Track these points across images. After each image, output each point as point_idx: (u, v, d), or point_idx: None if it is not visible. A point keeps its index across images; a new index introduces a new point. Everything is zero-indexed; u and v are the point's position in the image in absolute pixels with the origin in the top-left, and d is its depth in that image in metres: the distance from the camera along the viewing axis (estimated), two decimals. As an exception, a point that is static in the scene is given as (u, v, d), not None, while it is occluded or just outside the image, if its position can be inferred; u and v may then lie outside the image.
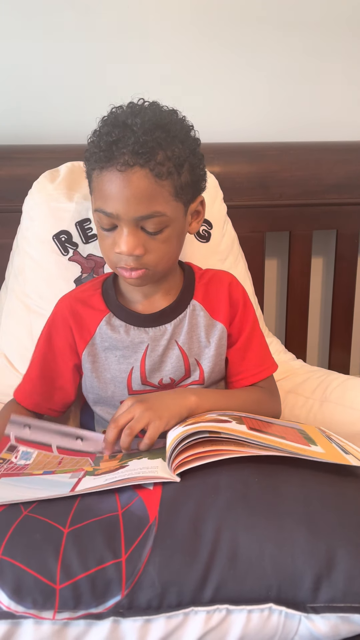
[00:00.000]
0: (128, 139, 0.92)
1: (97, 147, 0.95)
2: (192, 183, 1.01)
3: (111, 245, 1.00)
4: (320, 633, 0.71)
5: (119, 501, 0.76)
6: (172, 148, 0.95)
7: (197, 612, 0.69)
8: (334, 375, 1.38)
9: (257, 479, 0.79)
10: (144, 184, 0.93)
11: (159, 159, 0.93)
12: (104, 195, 0.96)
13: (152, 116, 0.95)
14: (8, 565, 0.69)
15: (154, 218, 0.96)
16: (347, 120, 1.72)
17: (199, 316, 1.12)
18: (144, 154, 0.92)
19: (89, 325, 1.11)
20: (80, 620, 0.68)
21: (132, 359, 1.10)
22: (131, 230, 0.97)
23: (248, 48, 1.63)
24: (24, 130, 1.56)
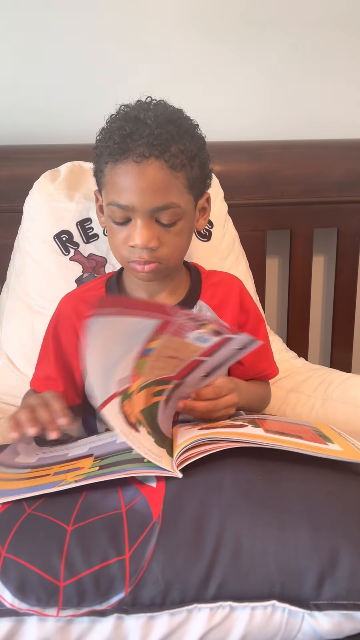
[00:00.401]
0: (143, 132, 0.93)
1: (111, 141, 0.96)
2: (201, 178, 1.03)
3: (124, 239, 1.00)
4: (323, 630, 0.71)
5: (122, 499, 0.76)
6: (184, 142, 0.96)
7: (201, 609, 0.69)
8: (336, 373, 1.38)
9: (260, 476, 0.79)
10: (160, 175, 0.94)
11: (172, 151, 0.94)
12: (118, 187, 0.97)
13: (162, 111, 0.97)
14: (12, 563, 0.69)
15: (169, 209, 0.97)
16: (347, 118, 1.73)
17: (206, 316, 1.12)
18: (159, 145, 0.93)
19: None
20: (84, 617, 0.68)
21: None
22: (146, 222, 0.97)
23: (249, 47, 1.63)
24: (24, 131, 1.56)
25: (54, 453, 0.95)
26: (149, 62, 1.58)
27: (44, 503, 0.76)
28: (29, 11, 1.51)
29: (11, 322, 1.36)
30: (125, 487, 0.78)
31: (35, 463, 0.90)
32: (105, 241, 1.32)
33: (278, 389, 1.38)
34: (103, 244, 1.32)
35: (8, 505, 0.76)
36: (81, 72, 1.57)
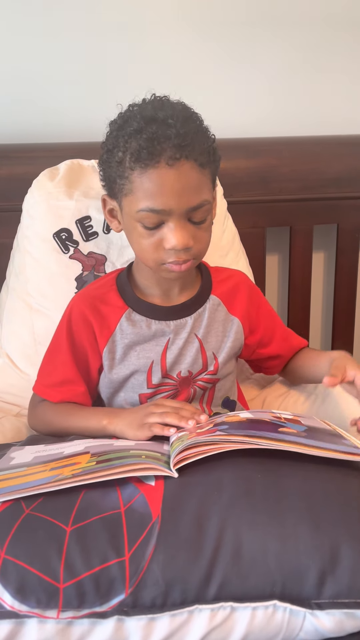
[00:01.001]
0: (170, 133, 0.92)
1: (136, 146, 0.94)
2: (216, 171, 1.04)
3: (156, 244, 0.99)
4: (325, 629, 0.71)
5: (121, 498, 0.75)
6: (204, 138, 0.98)
7: (202, 610, 0.69)
8: (337, 369, 1.37)
9: (260, 475, 0.79)
10: (192, 175, 0.95)
11: (198, 150, 0.95)
12: (151, 192, 0.95)
13: (177, 108, 0.97)
14: (11, 565, 0.68)
15: (203, 207, 0.98)
16: (346, 114, 1.72)
17: (218, 310, 1.14)
18: (187, 145, 0.93)
19: (110, 323, 1.11)
20: (84, 619, 0.68)
21: (153, 353, 1.11)
22: (181, 224, 0.97)
23: (247, 44, 1.62)
24: (23, 129, 1.56)
25: (49, 452, 0.95)
26: (148, 59, 1.58)
27: (43, 503, 0.75)
28: (28, 10, 1.50)
29: (11, 321, 1.36)
30: (124, 485, 0.78)
31: (31, 462, 0.90)
32: (105, 239, 1.32)
33: (278, 386, 1.38)
34: (102, 242, 1.32)
35: (6, 505, 0.76)
36: (80, 71, 1.56)
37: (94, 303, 1.12)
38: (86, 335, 1.11)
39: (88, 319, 1.11)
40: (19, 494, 0.76)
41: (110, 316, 1.11)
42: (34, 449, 0.98)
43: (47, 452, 0.94)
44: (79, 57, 1.55)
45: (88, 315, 1.11)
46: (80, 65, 1.56)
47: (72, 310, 1.12)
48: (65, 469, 0.81)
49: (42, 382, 1.14)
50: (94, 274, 1.31)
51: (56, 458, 0.89)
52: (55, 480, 0.77)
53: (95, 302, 1.12)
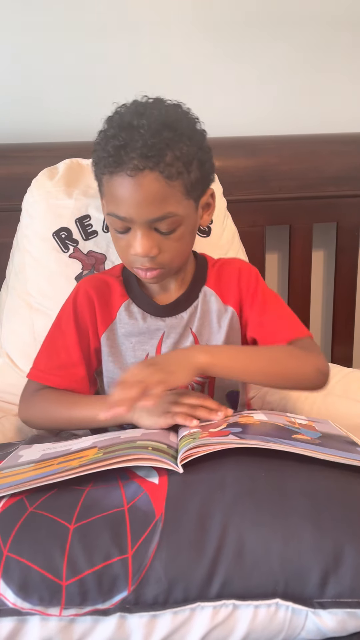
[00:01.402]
0: (136, 142, 0.92)
1: (106, 152, 0.95)
2: (201, 179, 1.01)
3: (126, 247, 1.01)
4: (327, 628, 0.71)
5: (124, 496, 0.75)
6: (180, 147, 0.95)
7: (204, 607, 0.69)
8: (337, 368, 1.38)
9: (264, 474, 0.79)
10: (155, 187, 0.93)
11: (168, 160, 0.93)
12: (115, 199, 0.96)
13: (158, 115, 0.95)
14: (14, 562, 0.68)
15: (167, 219, 0.97)
16: (345, 112, 1.72)
17: (210, 302, 1.13)
18: (153, 157, 0.92)
19: (112, 309, 1.12)
20: (87, 617, 0.68)
21: (148, 346, 1.12)
22: (145, 232, 0.97)
23: (246, 42, 1.62)
24: (22, 129, 1.56)
25: (57, 449, 0.95)
26: (147, 59, 1.58)
27: (46, 501, 0.75)
28: (27, 10, 1.51)
29: (11, 320, 1.36)
30: (127, 483, 0.78)
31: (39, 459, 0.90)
32: (105, 238, 1.32)
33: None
34: (102, 241, 1.32)
35: (10, 503, 0.76)
36: (80, 70, 1.56)
37: (100, 286, 1.13)
38: (89, 316, 1.12)
39: (92, 299, 1.12)
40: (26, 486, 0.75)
41: (112, 303, 1.12)
42: (41, 447, 0.98)
43: (54, 450, 0.95)
44: (78, 56, 1.55)
45: (93, 296, 1.12)
46: (80, 65, 1.56)
47: (79, 291, 1.14)
48: (73, 462, 0.81)
49: (40, 367, 1.12)
50: (93, 272, 1.31)
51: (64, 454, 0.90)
52: (62, 471, 0.77)
53: (102, 286, 1.13)
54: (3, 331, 1.37)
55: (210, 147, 1.04)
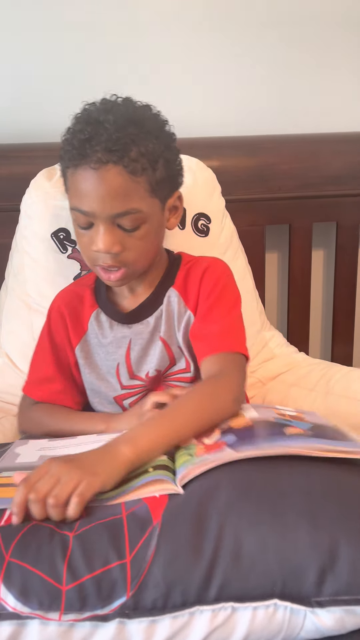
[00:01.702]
0: (100, 136, 0.92)
1: (71, 145, 0.95)
2: (168, 178, 1.01)
3: (88, 243, 1.01)
4: (326, 627, 0.71)
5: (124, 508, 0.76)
6: (146, 144, 0.95)
7: (203, 611, 0.69)
8: (337, 367, 1.38)
9: (259, 474, 0.79)
10: (118, 181, 0.94)
11: (132, 156, 0.93)
12: (79, 193, 0.97)
13: (124, 112, 0.95)
14: (16, 567, 0.68)
15: (130, 215, 0.96)
16: (344, 111, 1.72)
17: (173, 303, 1.12)
18: (117, 151, 0.92)
19: (83, 321, 1.14)
20: (86, 622, 0.68)
21: (117, 355, 1.12)
22: (107, 228, 0.97)
23: (245, 41, 1.62)
24: (21, 129, 1.56)
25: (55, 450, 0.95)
26: (146, 58, 1.58)
27: None
28: (27, 9, 1.50)
29: (10, 321, 1.36)
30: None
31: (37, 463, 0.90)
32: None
33: (279, 384, 1.38)
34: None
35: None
36: (78, 70, 1.56)
37: (70, 301, 1.15)
38: (63, 331, 1.15)
39: (64, 316, 1.14)
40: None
41: (83, 315, 1.14)
42: (38, 445, 0.98)
43: (52, 452, 0.94)
44: (77, 56, 1.55)
45: (64, 312, 1.14)
46: (79, 65, 1.56)
47: (52, 308, 1.17)
48: None
49: (28, 380, 1.18)
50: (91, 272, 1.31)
51: None
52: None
53: (72, 300, 1.15)
54: (2, 332, 1.37)
55: (179, 150, 1.04)
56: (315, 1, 1.62)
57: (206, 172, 1.41)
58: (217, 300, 1.08)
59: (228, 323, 1.07)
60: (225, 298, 1.10)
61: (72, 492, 0.74)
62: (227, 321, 1.07)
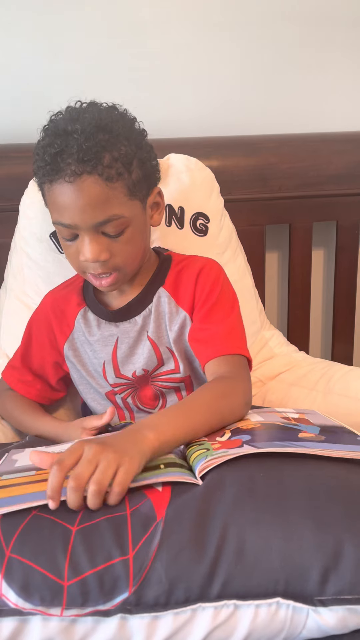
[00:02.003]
0: (71, 148, 0.92)
1: (43, 161, 0.95)
2: (144, 177, 1.01)
3: (75, 254, 1.01)
4: (328, 626, 0.71)
5: (127, 503, 0.75)
6: (118, 147, 0.95)
7: (205, 608, 0.69)
8: (337, 366, 1.37)
9: (263, 473, 0.79)
10: (95, 190, 0.93)
11: (106, 162, 0.93)
12: (58, 207, 0.96)
13: (91, 119, 0.94)
14: (17, 563, 0.68)
15: (113, 222, 0.96)
16: (344, 110, 1.72)
17: (164, 303, 1.12)
18: (90, 160, 0.91)
19: (69, 320, 1.15)
20: (88, 617, 0.68)
21: (104, 353, 1.13)
22: (92, 237, 0.97)
23: (244, 39, 1.62)
24: (21, 129, 1.56)
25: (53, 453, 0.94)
26: (144, 57, 1.58)
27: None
28: (26, 9, 1.50)
29: (10, 321, 1.36)
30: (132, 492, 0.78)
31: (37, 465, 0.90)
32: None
33: (279, 383, 1.38)
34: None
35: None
36: (79, 71, 1.56)
37: (57, 302, 1.17)
38: (46, 335, 1.17)
39: (49, 317, 1.16)
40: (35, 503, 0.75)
41: (69, 314, 1.15)
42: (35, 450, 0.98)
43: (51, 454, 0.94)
44: (77, 56, 1.55)
45: (49, 313, 1.16)
46: (79, 65, 1.56)
47: (37, 312, 1.19)
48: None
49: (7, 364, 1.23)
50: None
51: None
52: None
53: (59, 300, 1.17)
54: (2, 332, 1.37)
55: (152, 146, 1.04)
56: (315, 0, 1.63)
57: (204, 171, 1.41)
58: (217, 302, 1.09)
59: (230, 325, 1.08)
60: (224, 299, 1.11)
61: (112, 477, 0.74)
62: (229, 323, 1.08)
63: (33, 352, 1.19)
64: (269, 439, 0.86)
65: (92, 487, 0.73)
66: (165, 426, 0.86)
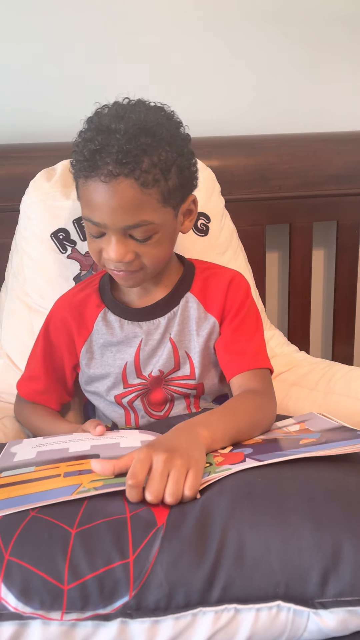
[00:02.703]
0: (112, 148, 0.90)
1: (82, 156, 0.94)
2: (180, 185, 0.99)
3: (99, 250, 1.00)
4: (329, 628, 0.71)
5: (127, 506, 0.75)
6: (159, 152, 0.93)
7: (206, 612, 0.68)
8: (338, 366, 1.37)
9: (260, 478, 0.79)
10: (129, 194, 0.92)
11: (144, 167, 0.92)
12: (90, 204, 0.96)
13: (136, 120, 0.93)
14: (16, 567, 0.68)
15: (142, 227, 0.96)
16: (345, 110, 1.72)
17: (192, 308, 1.12)
18: (128, 163, 0.90)
19: (87, 322, 1.13)
20: (88, 622, 0.68)
21: (127, 354, 1.12)
22: (119, 239, 0.97)
23: (245, 39, 1.62)
24: (21, 129, 1.56)
25: (52, 446, 0.95)
26: (146, 57, 1.58)
27: (48, 505, 0.75)
28: (25, 10, 1.50)
29: (10, 321, 1.36)
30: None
31: (36, 459, 0.90)
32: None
33: (280, 383, 1.37)
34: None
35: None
36: (77, 71, 1.56)
37: (74, 305, 1.15)
38: (64, 338, 1.15)
39: (67, 322, 1.14)
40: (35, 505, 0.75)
41: (88, 316, 1.13)
42: (33, 442, 0.98)
43: (49, 447, 0.94)
44: (77, 56, 1.55)
45: (68, 317, 1.14)
46: (78, 65, 1.55)
47: (53, 315, 1.17)
48: (83, 478, 0.81)
49: (21, 377, 1.21)
50: (91, 273, 1.31)
51: (63, 457, 0.89)
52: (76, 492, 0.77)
53: (76, 304, 1.15)
54: (3, 332, 1.37)
55: (193, 153, 1.03)
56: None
57: (205, 171, 1.40)
58: (248, 315, 1.12)
59: (259, 339, 1.12)
60: (253, 313, 1.14)
61: (184, 485, 0.77)
62: (258, 337, 1.12)
63: (55, 358, 1.16)
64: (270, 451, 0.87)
65: (170, 499, 0.75)
66: (216, 425, 0.91)
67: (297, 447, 0.86)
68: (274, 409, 1.05)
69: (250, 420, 0.97)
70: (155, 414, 1.15)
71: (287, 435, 0.95)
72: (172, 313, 1.11)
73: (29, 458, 0.91)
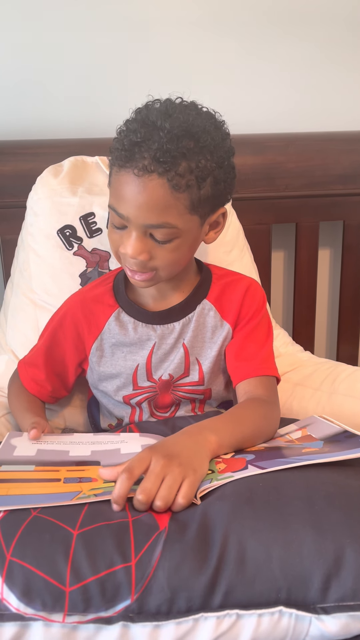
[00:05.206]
0: (152, 144, 0.89)
1: (121, 144, 0.93)
2: (212, 196, 0.98)
3: (118, 242, 0.99)
4: (331, 633, 0.71)
5: (128, 510, 0.75)
6: (198, 159, 0.92)
7: (207, 617, 0.69)
8: (343, 366, 1.37)
9: (261, 483, 0.79)
10: (158, 193, 0.91)
11: (179, 170, 0.90)
12: (118, 194, 0.95)
13: (183, 121, 0.91)
14: (17, 567, 0.68)
15: (164, 229, 0.94)
16: (352, 109, 1.72)
17: (208, 316, 1.11)
18: (165, 162, 0.89)
19: (99, 321, 1.12)
20: (90, 624, 0.68)
21: (139, 356, 1.11)
22: (139, 236, 0.95)
23: (252, 39, 1.61)
24: (27, 126, 1.55)
25: (52, 446, 0.95)
26: (152, 56, 1.57)
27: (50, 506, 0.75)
28: (29, 6, 1.50)
29: (16, 317, 1.36)
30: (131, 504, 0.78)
31: (36, 457, 0.90)
32: (109, 235, 1.32)
33: (284, 383, 1.37)
34: (106, 239, 1.30)
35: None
36: (85, 67, 1.55)
37: (87, 304, 1.13)
38: (71, 335, 1.14)
39: (77, 317, 1.13)
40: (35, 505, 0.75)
41: (100, 315, 1.12)
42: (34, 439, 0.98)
43: (49, 447, 0.94)
44: (83, 53, 1.54)
45: (78, 314, 1.13)
46: (85, 62, 1.55)
47: (66, 312, 1.15)
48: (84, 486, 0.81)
49: (23, 358, 1.20)
50: (98, 270, 1.31)
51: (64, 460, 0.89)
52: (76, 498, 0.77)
53: (88, 301, 1.14)
54: (8, 328, 1.37)
55: (234, 167, 1.01)
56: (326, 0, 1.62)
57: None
58: (260, 323, 1.12)
59: (269, 347, 1.12)
60: (266, 321, 1.14)
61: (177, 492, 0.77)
62: (268, 346, 1.12)
63: (57, 352, 1.15)
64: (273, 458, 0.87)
65: (158, 503, 0.76)
66: (224, 430, 0.91)
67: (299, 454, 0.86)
68: (278, 418, 1.05)
69: (254, 428, 0.97)
70: (160, 415, 1.15)
71: (289, 444, 0.95)
72: (187, 319, 1.11)
73: (29, 455, 0.91)
